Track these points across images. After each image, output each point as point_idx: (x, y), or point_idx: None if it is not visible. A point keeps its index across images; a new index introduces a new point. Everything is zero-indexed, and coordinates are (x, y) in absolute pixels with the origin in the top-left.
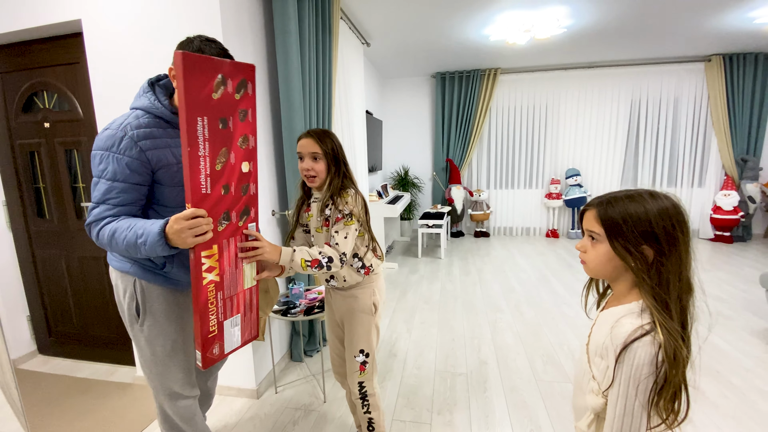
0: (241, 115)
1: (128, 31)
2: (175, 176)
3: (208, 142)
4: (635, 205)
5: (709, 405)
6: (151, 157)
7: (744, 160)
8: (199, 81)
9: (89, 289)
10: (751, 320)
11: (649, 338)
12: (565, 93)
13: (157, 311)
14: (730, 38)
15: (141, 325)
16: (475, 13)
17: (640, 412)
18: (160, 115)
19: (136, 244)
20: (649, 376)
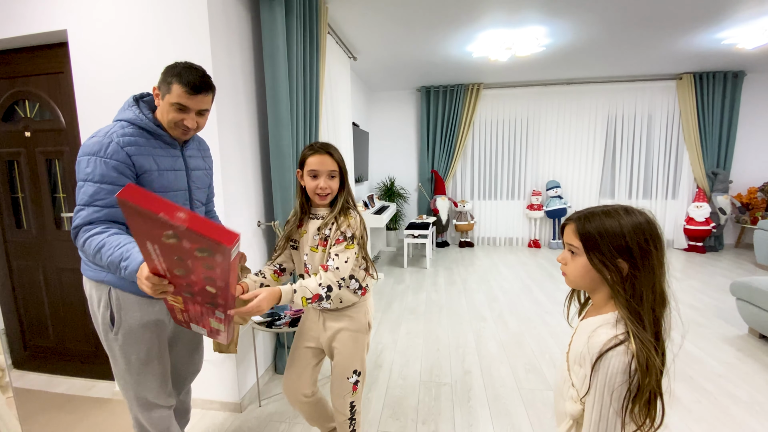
0: (204, 267)
1: (115, 42)
2: (156, 181)
3: (162, 259)
4: (611, 221)
5: (682, 410)
6: (135, 161)
7: (714, 174)
8: (147, 225)
9: (67, 302)
10: (723, 327)
11: (622, 348)
12: (546, 108)
13: (131, 320)
14: (700, 58)
15: (115, 334)
16: (457, 31)
17: (614, 419)
18: (144, 127)
19: (118, 266)
20: (623, 384)
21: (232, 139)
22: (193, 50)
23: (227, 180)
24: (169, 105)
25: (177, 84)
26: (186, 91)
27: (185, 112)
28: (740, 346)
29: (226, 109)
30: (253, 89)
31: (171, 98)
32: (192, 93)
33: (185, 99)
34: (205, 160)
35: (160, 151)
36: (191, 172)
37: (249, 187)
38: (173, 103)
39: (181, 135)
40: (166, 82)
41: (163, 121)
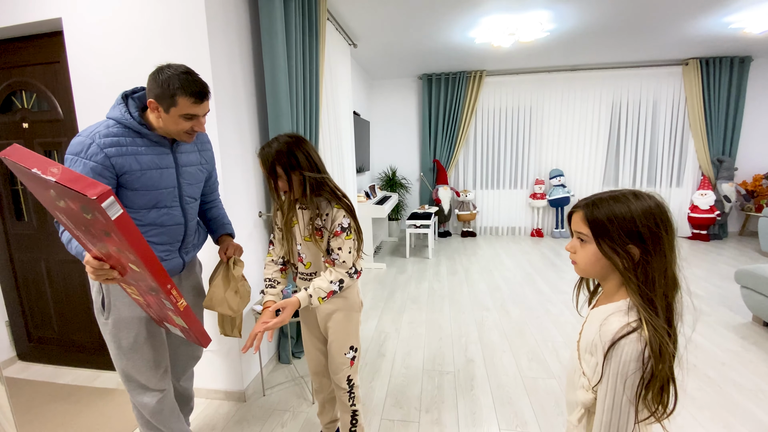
0: (103, 234)
1: (110, 31)
2: (138, 181)
3: (79, 234)
4: (620, 206)
5: (686, 398)
6: (115, 162)
7: (720, 161)
8: (34, 183)
9: (70, 294)
10: (727, 315)
11: (635, 335)
12: (549, 95)
13: (120, 305)
14: (706, 42)
15: (106, 318)
16: (460, 16)
17: (627, 407)
18: (129, 126)
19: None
20: (636, 371)
21: (231, 129)
22: (190, 39)
23: (227, 171)
24: (177, 117)
25: (183, 96)
26: (194, 102)
27: (194, 119)
28: (744, 333)
29: (225, 99)
30: (252, 78)
31: (179, 111)
32: (199, 101)
33: (194, 109)
34: (202, 154)
35: (145, 150)
36: (182, 168)
37: (249, 177)
38: (182, 114)
39: (188, 139)
40: (168, 96)
41: (170, 132)
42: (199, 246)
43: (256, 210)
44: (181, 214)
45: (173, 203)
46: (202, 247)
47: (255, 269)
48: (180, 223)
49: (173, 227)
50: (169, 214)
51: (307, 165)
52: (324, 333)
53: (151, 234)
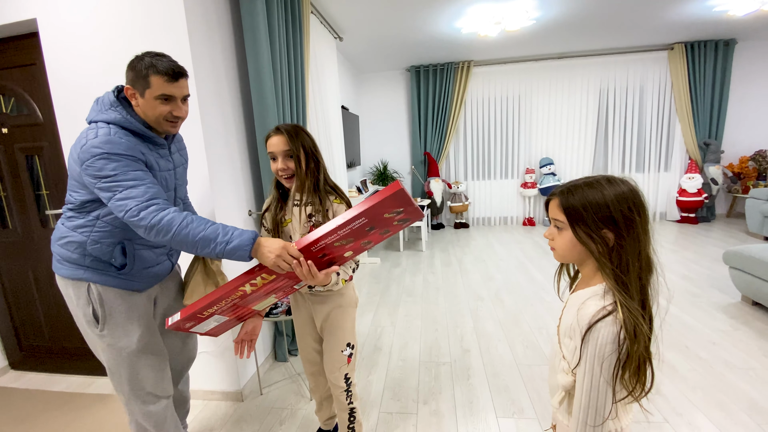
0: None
1: (87, 30)
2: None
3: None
4: (594, 192)
5: (678, 378)
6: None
7: (706, 144)
8: (390, 206)
9: (59, 301)
10: (716, 296)
11: (611, 318)
12: (537, 84)
13: (116, 312)
14: (691, 26)
15: (101, 330)
16: (446, 6)
17: (605, 388)
18: (135, 129)
19: (214, 241)
20: (612, 353)
21: (216, 126)
22: (170, 36)
23: (213, 168)
24: (153, 99)
25: (155, 75)
26: (167, 80)
27: (171, 101)
28: (734, 313)
29: (208, 94)
30: (236, 75)
31: (153, 91)
32: (173, 79)
33: (169, 87)
34: (181, 153)
35: (154, 154)
36: (176, 169)
37: (237, 175)
38: (158, 96)
39: (171, 128)
40: (141, 77)
41: (150, 119)
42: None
43: (244, 208)
44: None
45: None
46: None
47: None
48: None
49: None
50: None
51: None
52: (320, 332)
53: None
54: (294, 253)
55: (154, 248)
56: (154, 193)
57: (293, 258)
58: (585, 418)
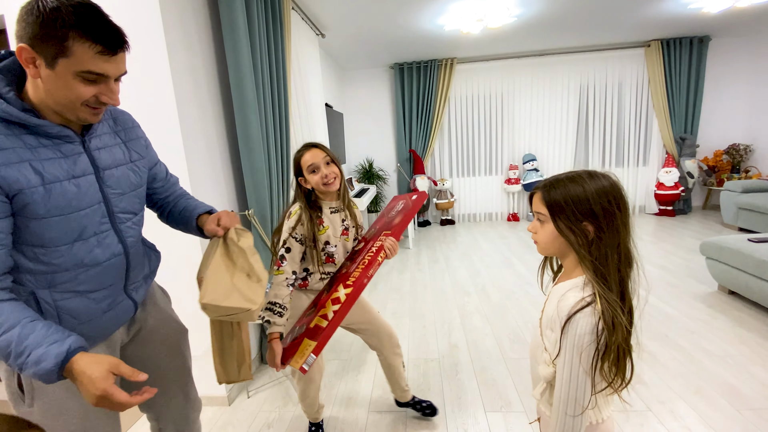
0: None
1: None
2: (43, 202)
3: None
4: (575, 186)
5: (660, 367)
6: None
7: (682, 139)
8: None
9: None
10: (694, 286)
11: (589, 309)
12: (519, 81)
13: (48, 385)
14: (667, 24)
15: (30, 406)
16: (428, 3)
17: (584, 378)
18: (5, 117)
19: (7, 358)
20: (591, 344)
21: (195, 126)
22: (144, 31)
23: (194, 170)
24: (69, 77)
25: (82, 41)
26: (100, 52)
27: (100, 82)
28: (711, 302)
29: (186, 94)
30: (215, 72)
31: (74, 65)
32: (110, 52)
33: (101, 64)
34: (130, 146)
35: (44, 153)
36: (104, 173)
37: (218, 175)
38: (81, 72)
39: (91, 117)
40: (54, 38)
41: (55, 101)
42: (152, 274)
43: (228, 210)
44: (117, 241)
45: (103, 227)
46: (156, 273)
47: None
48: (118, 253)
49: (111, 262)
50: (102, 244)
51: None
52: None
53: (80, 281)
54: (126, 371)
55: (94, 291)
56: None
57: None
58: (564, 408)
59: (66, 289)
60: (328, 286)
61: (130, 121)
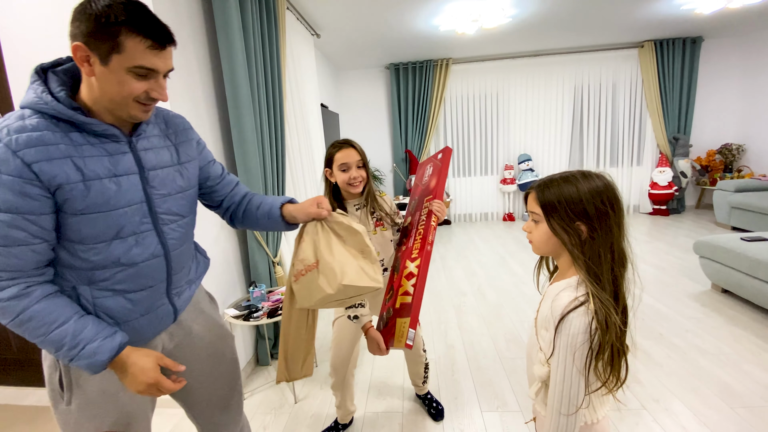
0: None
1: (47, 25)
2: (82, 198)
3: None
4: (569, 186)
5: (654, 365)
6: (41, 171)
7: (676, 139)
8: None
9: None
10: (688, 285)
11: (583, 309)
12: (514, 81)
13: (87, 384)
14: (660, 24)
15: (68, 404)
16: (423, 3)
17: (577, 378)
18: (54, 114)
19: (60, 350)
20: (584, 343)
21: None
22: None
23: None
24: (122, 73)
25: (134, 37)
26: (151, 46)
27: (150, 77)
28: (705, 301)
29: (180, 95)
30: (209, 72)
31: (126, 61)
32: (160, 46)
33: (151, 58)
34: (180, 149)
35: (88, 150)
36: (148, 173)
37: None
38: (133, 68)
39: (142, 114)
40: (107, 34)
41: (109, 99)
42: (198, 280)
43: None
44: (157, 242)
45: (143, 227)
46: (202, 279)
47: (226, 280)
48: (158, 255)
49: (149, 263)
50: (141, 244)
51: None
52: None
53: (117, 279)
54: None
55: (128, 293)
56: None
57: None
58: (558, 407)
59: (104, 287)
60: (396, 268)
61: (182, 123)
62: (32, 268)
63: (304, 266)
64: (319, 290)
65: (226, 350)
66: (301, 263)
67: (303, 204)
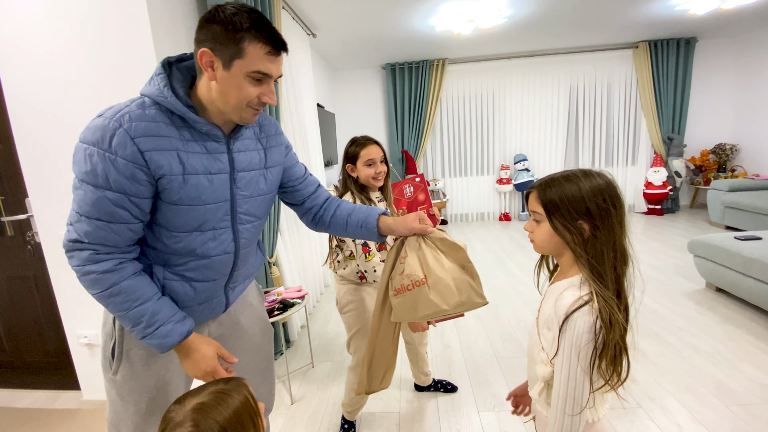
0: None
1: (41, 28)
2: (178, 190)
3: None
4: (570, 185)
5: (649, 364)
6: (150, 159)
7: (670, 139)
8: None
9: (20, 312)
10: (683, 284)
11: (587, 308)
12: (510, 81)
13: (135, 357)
14: (654, 25)
15: (114, 373)
16: (419, 3)
17: (582, 377)
18: (171, 108)
19: (137, 325)
20: (589, 342)
21: None
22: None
23: None
24: (241, 78)
25: (254, 42)
26: (269, 53)
27: (263, 83)
28: (699, 299)
29: None
30: None
31: (246, 65)
32: (276, 52)
33: (267, 64)
34: (268, 153)
35: (192, 146)
36: (237, 174)
37: None
38: (251, 72)
39: (251, 117)
40: (233, 41)
41: (224, 103)
42: (252, 275)
43: None
44: (231, 239)
45: (222, 224)
46: (255, 274)
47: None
48: (229, 251)
49: (220, 258)
50: (217, 239)
51: None
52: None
53: (189, 267)
54: (225, 354)
55: (196, 281)
56: (98, 237)
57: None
58: (563, 407)
59: (176, 271)
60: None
61: (274, 128)
62: (126, 244)
63: (411, 281)
64: (430, 305)
65: (265, 344)
66: (407, 278)
67: (404, 219)
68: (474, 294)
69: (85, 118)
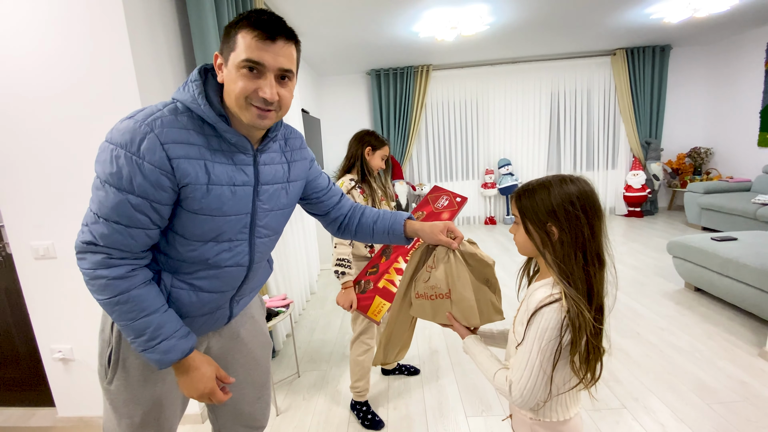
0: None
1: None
2: (200, 199)
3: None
4: (542, 191)
5: (632, 364)
6: (177, 167)
7: (648, 143)
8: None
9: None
10: (662, 284)
11: (557, 305)
12: (493, 87)
13: (132, 367)
14: (631, 33)
15: (109, 383)
16: (402, 10)
17: (537, 371)
18: (203, 117)
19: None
20: (553, 339)
21: None
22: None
23: None
24: (235, 70)
25: (243, 30)
26: (256, 37)
27: (259, 75)
28: (678, 299)
29: (156, 98)
30: (185, 77)
31: (237, 56)
32: (266, 37)
33: (257, 51)
34: (291, 166)
35: (219, 156)
36: (260, 187)
37: None
38: (241, 62)
39: (257, 120)
40: (230, 36)
41: (231, 104)
42: (258, 288)
43: None
44: (246, 252)
45: (240, 236)
46: (261, 288)
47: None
48: (242, 264)
49: (231, 270)
50: (232, 250)
51: None
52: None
53: (198, 277)
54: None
55: (202, 292)
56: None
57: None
58: (518, 390)
59: (184, 279)
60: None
61: (299, 141)
62: (140, 250)
63: (435, 293)
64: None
65: (264, 359)
66: (431, 289)
67: (432, 227)
68: (493, 312)
69: (56, 124)
